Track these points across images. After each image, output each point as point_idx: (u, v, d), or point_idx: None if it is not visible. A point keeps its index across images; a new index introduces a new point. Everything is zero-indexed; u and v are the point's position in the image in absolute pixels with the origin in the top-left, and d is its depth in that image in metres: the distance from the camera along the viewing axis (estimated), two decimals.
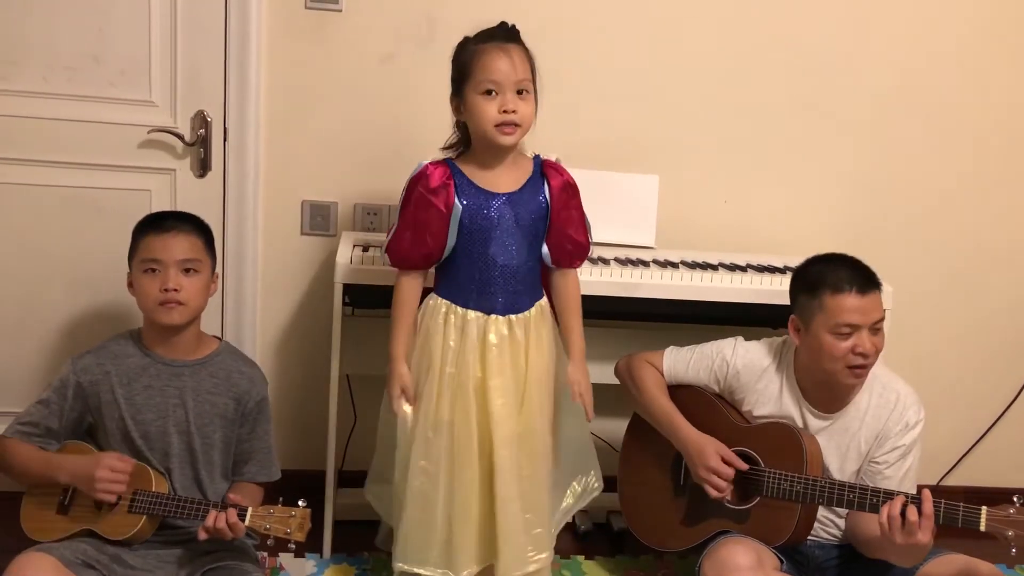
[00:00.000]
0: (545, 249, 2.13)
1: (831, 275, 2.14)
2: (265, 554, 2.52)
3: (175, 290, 2.05)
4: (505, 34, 2.02)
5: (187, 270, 2.08)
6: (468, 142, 2.10)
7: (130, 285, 2.14)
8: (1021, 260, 3.10)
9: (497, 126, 1.98)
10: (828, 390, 2.22)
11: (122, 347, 2.16)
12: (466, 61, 2.01)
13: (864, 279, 2.13)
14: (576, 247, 2.16)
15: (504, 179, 2.07)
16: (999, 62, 2.95)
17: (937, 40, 2.91)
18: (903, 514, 1.95)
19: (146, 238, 2.10)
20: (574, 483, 2.32)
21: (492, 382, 2.06)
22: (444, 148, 2.13)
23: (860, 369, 2.14)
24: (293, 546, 1.98)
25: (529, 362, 2.10)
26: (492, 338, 2.06)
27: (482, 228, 2.04)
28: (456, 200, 2.04)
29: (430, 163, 2.08)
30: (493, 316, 2.07)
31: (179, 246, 2.08)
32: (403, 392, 2.13)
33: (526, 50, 2.03)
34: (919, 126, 2.96)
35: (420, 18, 2.69)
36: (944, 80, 2.94)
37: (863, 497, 2.06)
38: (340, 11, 2.66)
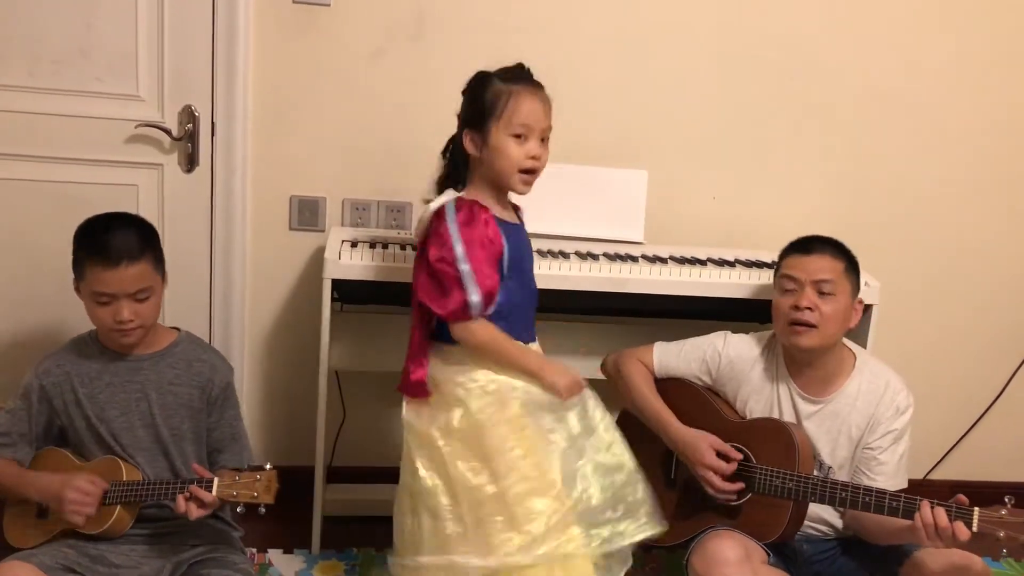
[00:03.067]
0: None
1: (799, 240, 2.29)
2: (254, 550, 2.52)
3: (130, 320, 2.01)
4: (532, 78, 1.99)
5: (140, 299, 2.03)
6: (459, 175, 2.02)
7: (77, 289, 2.08)
8: (1007, 257, 3.12)
9: (521, 172, 1.95)
10: (813, 371, 2.24)
11: (81, 347, 2.14)
12: (494, 98, 1.94)
13: (819, 245, 2.25)
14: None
15: (509, 211, 2.06)
16: (985, 62, 2.97)
17: (924, 40, 2.93)
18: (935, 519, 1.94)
19: (94, 268, 1.99)
20: None
21: None
22: (437, 181, 2.06)
23: (801, 327, 2.18)
24: (263, 510, 1.94)
25: None
26: None
27: (524, 259, 2.07)
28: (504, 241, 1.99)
29: (472, 202, 1.98)
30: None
31: (130, 278, 1.99)
32: None
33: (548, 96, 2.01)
34: (906, 123, 2.98)
35: (409, 13, 2.69)
36: (931, 78, 2.95)
37: (855, 495, 2.07)
38: (328, 5, 2.65)
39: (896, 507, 2.02)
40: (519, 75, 1.98)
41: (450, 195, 1.99)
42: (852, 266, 2.25)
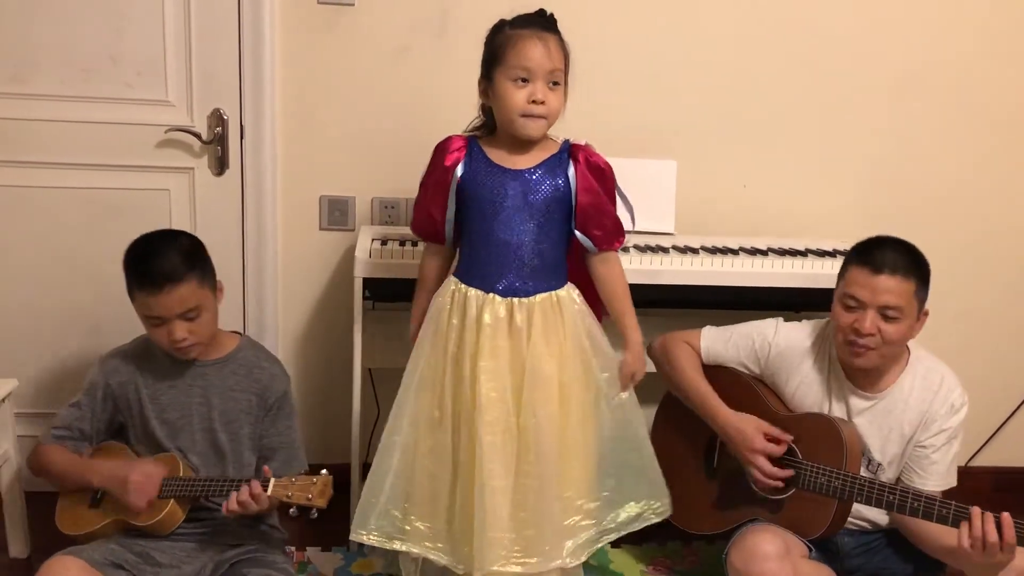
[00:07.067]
0: (580, 234, 2.04)
1: (868, 250, 2.13)
2: (293, 548, 2.54)
3: (184, 339, 2.04)
4: (543, 22, 1.97)
5: (190, 317, 2.05)
6: (492, 127, 2.06)
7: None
8: None
9: (523, 116, 1.93)
10: (868, 369, 2.18)
11: (147, 348, 2.18)
12: (499, 45, 1.95)
13: (891, 262, 2.08)
14: (613, 226, 2.07)
15: (522, 158, 2.01)
16: (1017, 43, 2.91)
17: (953, 22, 2.88)
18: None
19: (139, 294, 2.04)
20: (630, 504, 2.15)
21: (481, 363, 1.97)
22: (466, 131, 2.09)
23: (856, 348, 2.10)
24: (315, 514, 1.98)
25: (531, 352, 1.98)
26: (486, 319, 1.97)
27: (488, 203, 1.99)
28: (459, 168, 2.01)
29: (455, 135, 2.06)
30: (491, 295, 1.99)
31: (176, 300, 2.02)
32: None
33: (562, 41, 1.97)
34: (937, 107, 2.93)
35: (433, 10, 2.69)
36: (961, 60, 2.90)
37: (904, 499, 2.02)
38: (353, 5, 2.66)
39: (945, 515, 1.97)
40: (529, 20, 1.96)
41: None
42: (924, 282, 2.11)
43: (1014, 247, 3.06)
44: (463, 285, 2.03)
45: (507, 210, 1.98)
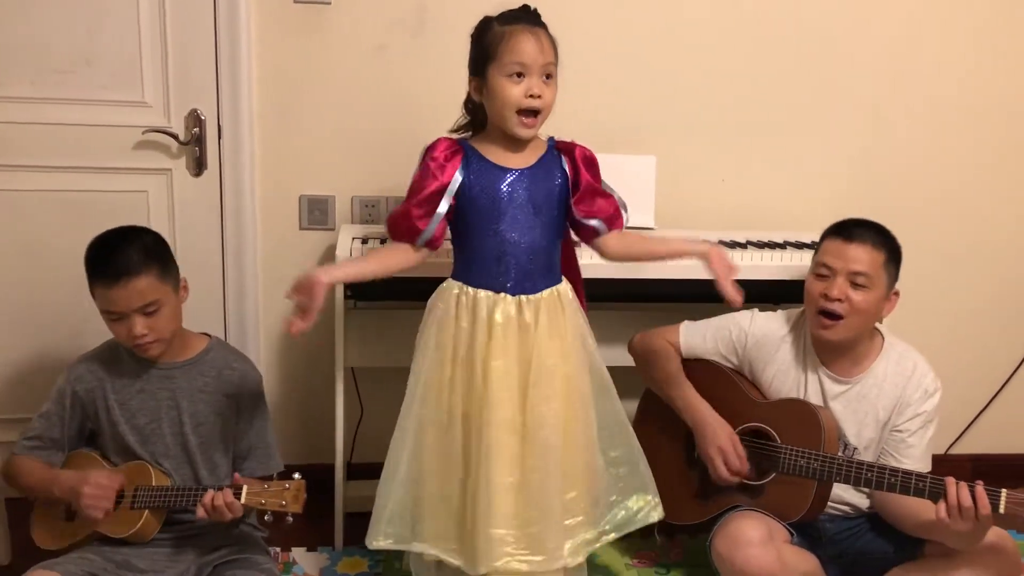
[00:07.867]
0: (590, 220, 2.06)
1: (842, 225, 2.22)
2: (278, 549, 2.53)
3: (144, 335, 2.01)
4: (531, 17, 1.97)
5: (149, 312, 2.02)
6: (477, 124, 2.05)
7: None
8: None
9: (519, 113, 1.93)
10: (841, 353, 2.23)
11: (113, 353, 2.15)
12: (491, 41, 1.94)
13: (861, 234, 2.18)
14: (615, 208, 2.10)
15: (519, 156, 2.01)
16: (1005, 41, 2.94)
17: (940, 18, 2.90)
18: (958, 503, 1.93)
19: (99, 287, 2.02)
20: (627, 502, 2.16)
21: (493, 363, 1.97)
22: (451, 131, 2.08)
23: (828, 320, 2.15)
24: (291, 519, 1.97)
25: (537, 348, 1.99)
26: (498, 317, 1.97)
27: (494, 203, 1.98)
28: (459, 175, 1.98)
29: (443, 136, 2.04)
30: (502, 295, 1.99)
31: (134, 293, 1.98)
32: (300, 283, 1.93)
33: (550, 34, 1.97)
34: (919, 102, 2.96)
35: (410, 8, 2.69)
36: (947, 57, 2.93)
37: (881, 476, 2.06)
38: (329, 3, 2.65)
39: (922, 488, 2.00)
40: (517, 16, 1.97)
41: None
42: (893, 257, 2.20)
43: (991, 241, 3.09)
44: (469, 288, 2.01)
45: (513, 209, 1.99)
